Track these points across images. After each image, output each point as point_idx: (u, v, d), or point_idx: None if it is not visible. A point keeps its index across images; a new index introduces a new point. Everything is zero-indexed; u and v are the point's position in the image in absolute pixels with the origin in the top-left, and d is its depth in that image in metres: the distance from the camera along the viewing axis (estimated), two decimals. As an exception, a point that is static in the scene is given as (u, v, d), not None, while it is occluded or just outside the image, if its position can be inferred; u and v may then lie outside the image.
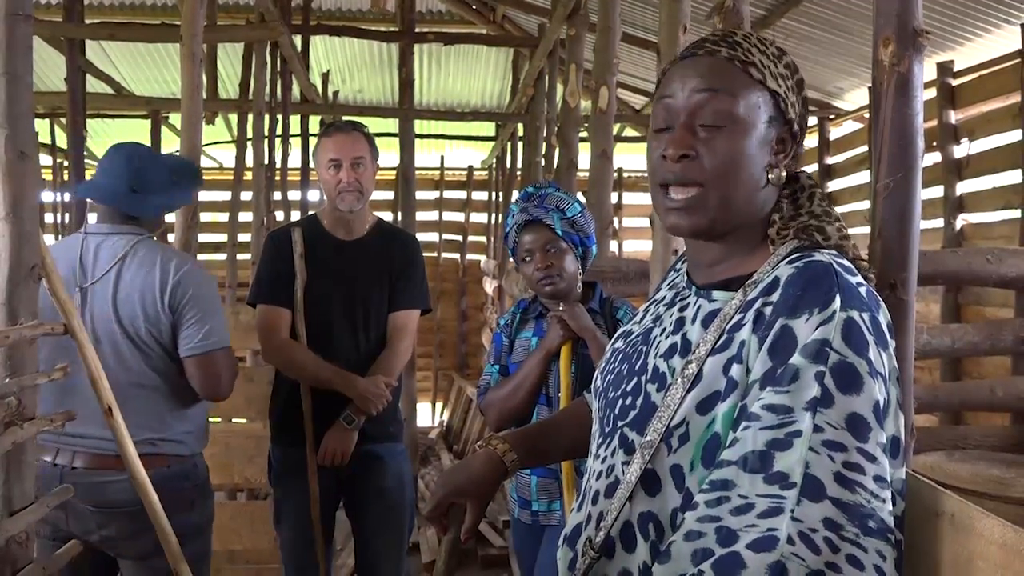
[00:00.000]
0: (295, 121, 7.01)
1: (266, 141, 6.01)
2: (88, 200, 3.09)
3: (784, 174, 0.97)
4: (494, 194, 10.28)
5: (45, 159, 8.97)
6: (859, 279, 0.90)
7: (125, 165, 2.07)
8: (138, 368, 2.00)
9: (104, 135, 10.18)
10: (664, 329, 1.02)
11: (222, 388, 2.09)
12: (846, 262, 0.92)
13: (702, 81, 0.95)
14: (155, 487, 1.93)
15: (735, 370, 0.89)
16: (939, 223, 4.84)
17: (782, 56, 0.99)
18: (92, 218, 2.22)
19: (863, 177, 6.23)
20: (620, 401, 1.02)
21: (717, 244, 1.00)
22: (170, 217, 2.38)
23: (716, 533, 0.82)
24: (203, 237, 8.45)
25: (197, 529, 2.10)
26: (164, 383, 2.04)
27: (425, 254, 2.71)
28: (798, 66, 1.00)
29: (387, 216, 7.71)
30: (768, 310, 0.88)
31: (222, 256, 6.76)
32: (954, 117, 4.84)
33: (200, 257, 3.31)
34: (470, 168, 11.41)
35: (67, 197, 6.83)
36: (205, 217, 8.37)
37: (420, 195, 8.32)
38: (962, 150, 4.83)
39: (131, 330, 1.98)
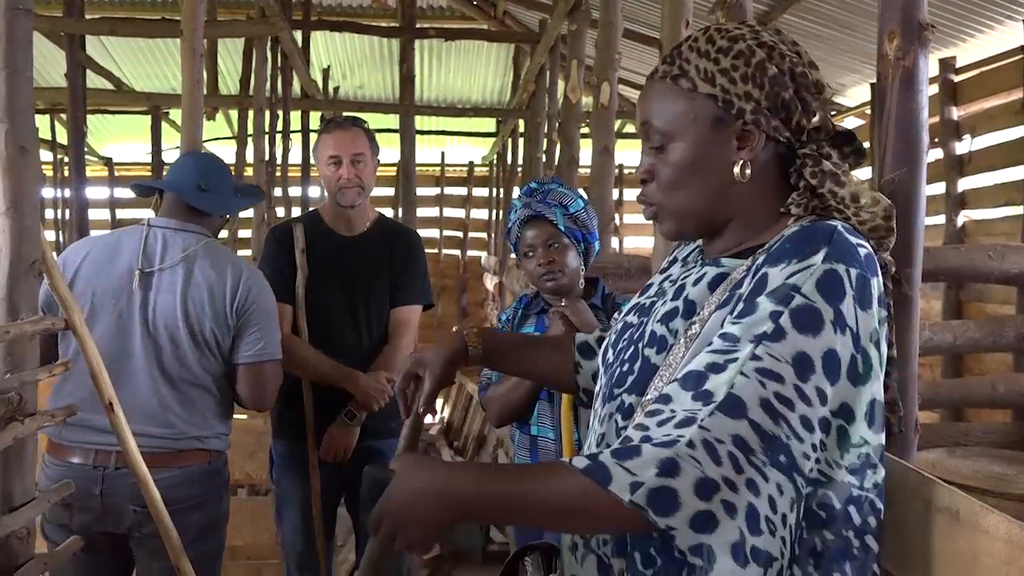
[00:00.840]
0: (295, 117, 7.02)
1: (267, 137, 6.01)
2: (85, 202, 3.09)
3: (748, 172, 0.94)
4: (495, 190, 10.29)
5: (45, 155, 8.96)
6: (862, 242, 0.90)
7: (194, 166, 2.17)
8: (196, 367, 2.01)
9: (104, 131, 10.18)
10: (665, 300, 1.03)
11: (267, 398, 2.15)
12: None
13: (642, 108, 1.01)
14: (196, 481, 2.00)
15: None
16: (941, 219, 4.84)
17: (733, 46, 0.94)
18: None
19: (865, 173, 6.21)
20: (618, 369, 1.03)
21: (719, 235, 1.00)
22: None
23: (640, 441, 0.85)
24: (204, 233, 8.43)
25: (221, 522, 2.15)
26: (214, 384, 2.06)
27: (426, 250, 2.70)
28: (766, 43, 0.95)
29: (388, 212, 7.70)
30: (761, 260, 0.90)
31: (223, 252, 6.75)
32: (956, 113, 4.83)
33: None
34: (471, 164, 11.41)
35: (67, 193, 6.82)
36: (206, 213, 8.35)
37: (421, 191, 8.33)
38: (964, 146, 4.83)
39: (196, 327, 1.99)
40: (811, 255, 0.86)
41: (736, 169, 0.95)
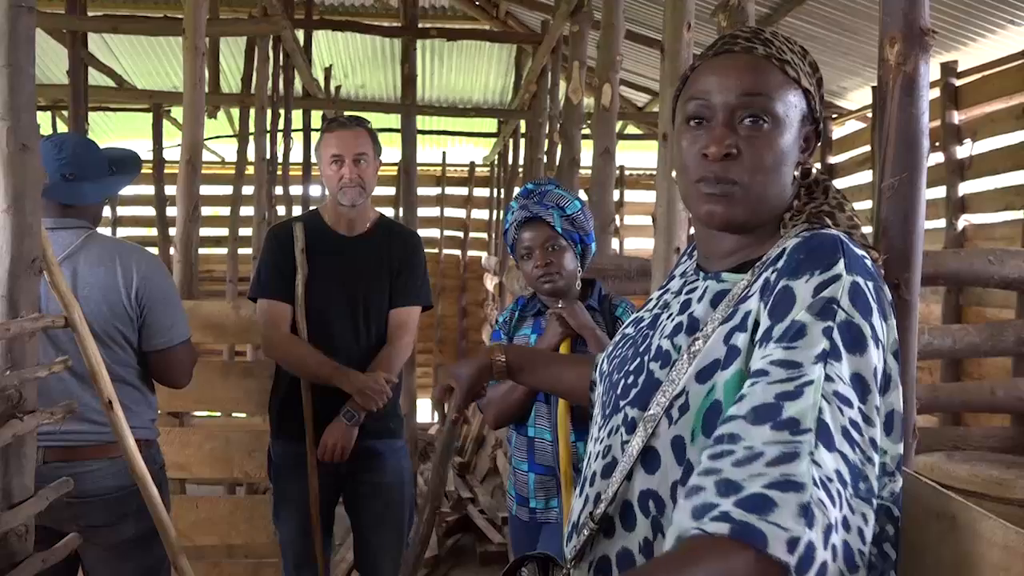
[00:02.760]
0: (297, 116, 7.00)
1: (268, 136, 6.00)
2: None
3: (812, 170, 0.99)
4: (496, 191, 10.28)
5: (47, 152, 8.93)
6: (864, 253, 0.90)
7: (55, 154, 2.03)
8: (109, 364, 1.96)
9: (106, 128, 10.18)
10: (671, 314, 1.03)
11: (184, 378, 2.17)
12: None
13: (742, 80, 0.95)
14: (127, 471, 1.93)
15: (738, 338, 0.89)
16: (941, 224, 4.84)
17: (806, 55, 1.00)
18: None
19: (865, 177, 6.22)
20: (623, 381, 1.03)
21: (735, 235, 1.00)
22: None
23: (715, 486, 0.76)
24: (204, 231, 8.38)
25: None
26: (128, 374, 2.04)
27: (426, 250, 2.70)
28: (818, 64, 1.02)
29: (388, 212, 7.70)
30: (774, 276, 0.89)
31: (223, 250, 6.75)
32: (957, 117, 4.83)
33: (201, 251, 3.31)
34: (472, 164, 11.41)
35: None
36: (206, 211, 8.32)
37: (422, 191, 8.32)
38: (965, 151, 4.83)
39: (96, 327, 1.94)
40: (832, 265, 0.85)
41: (813, 168, 0.98)
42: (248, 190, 5.83)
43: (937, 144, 4.77)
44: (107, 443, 1.96)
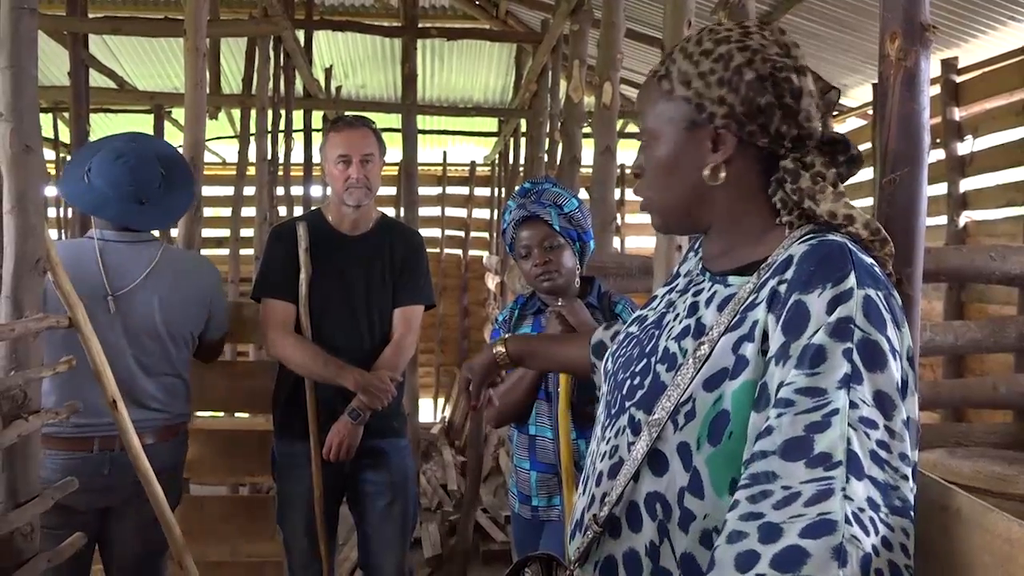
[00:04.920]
0: (298, 116, 7.01)
1: (269, 136, 6.01)
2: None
3: (722, 175, 0.95)
4: (497, 190, 10.30)
5: (48, 153, 8.97)
6: (871, 260, 0.90)
7: (127, 177, 2.13)
8: (175, 360, 2.26)
9: (107, 129, 10.18)
10: (677, 314, 1.03)
11: (217, 356, 2.61)
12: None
13: (637, 106, 1.06)
14: (181, 447, 2.31)
15: (747, 348, 0.88)
16: (942, 220, 4.83)
17: (715, 49, 0.95)
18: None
19: (866, 174, 6.21)
20: (628, 382, 1.02)
21: (716, 238, 1.02)
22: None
23: (758, 531, 0.78)
24: (206, 232, 8.35)
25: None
26: (184, 368, 2.31)
27: (428, 250, 2.70)
28: (750, 47, 0.94)
29: (390, 211, 7.70)
30: (783, 288, 0.88)
31: (225, 251, 6.75)
32: (958, 114, 4.83)
33: (203, 252, 3.32)
34: (473, 164, 11.42)
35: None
36: (208, 212, 8.32)
37: (423, 191, 8.32)
38: (966, 147, 4.83)
39: (177, 332, 2.23)
40: (843, 279, 0.84)
41: (706, 172, 0.96)
42: (249, 191, 5.83)
43: (938, 140, 4.77)
44: (164, 427, 2.22)
